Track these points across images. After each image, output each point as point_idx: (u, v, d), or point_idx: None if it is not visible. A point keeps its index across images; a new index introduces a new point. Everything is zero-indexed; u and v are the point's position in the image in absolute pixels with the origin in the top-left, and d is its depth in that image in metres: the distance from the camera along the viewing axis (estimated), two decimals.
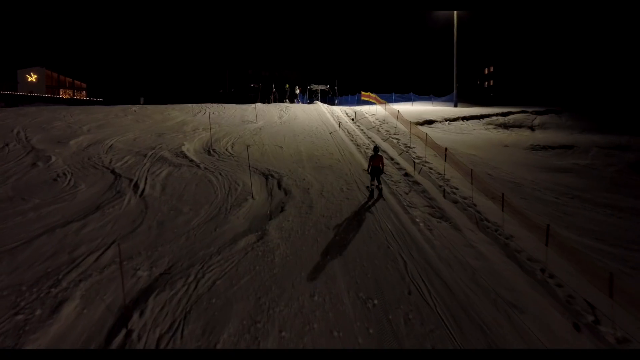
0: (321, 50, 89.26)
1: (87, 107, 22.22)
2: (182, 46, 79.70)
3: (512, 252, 6.33)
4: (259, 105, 23.22)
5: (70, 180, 9.37)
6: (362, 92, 23.27)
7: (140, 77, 62.81)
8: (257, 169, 10.43)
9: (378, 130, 16.41)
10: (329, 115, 20.21)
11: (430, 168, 11.28)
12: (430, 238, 6.63)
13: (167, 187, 9.02)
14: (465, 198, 9.06)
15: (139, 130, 15.31)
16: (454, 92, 23.28)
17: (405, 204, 8.33)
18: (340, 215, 7.56)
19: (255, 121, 17.98)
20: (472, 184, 9.53)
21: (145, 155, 11.61)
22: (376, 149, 9.01)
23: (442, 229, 7.07)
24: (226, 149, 12.60)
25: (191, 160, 11.04)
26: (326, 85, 26.59)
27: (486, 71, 58.43)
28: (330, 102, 31.04)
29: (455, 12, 22.75)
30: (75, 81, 57.35)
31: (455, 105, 23.12)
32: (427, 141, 12.92)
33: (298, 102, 25.69)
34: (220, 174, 9.97)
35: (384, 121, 18.08)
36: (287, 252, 5.89)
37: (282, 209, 7.76)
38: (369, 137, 15.20)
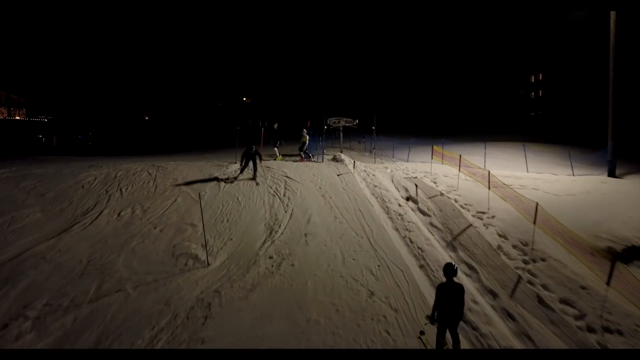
0: (347, 60, 71.25)
1: None
2: (158, 44, 70.72)
3: None
4: (236, 177, 12.65)
5: None
6: (435, 148, 13.34)
7: (99, 87, 53.82)
8: None
9: (541, 301, 6.37)
10: (386, 226, 9.79)
11: None
12: None
13: None
14: None
15: None
16: (609, 145, 13.22)
17: None
18: None
19: (204, 260, 7.77)
20: None
21: None
22: (451, 269, 4.81)
23: None
24: None
25: None
26: (354, 120, 17.22)
27: (532, 79, 48.52)
28: (356, 147, 21.41)
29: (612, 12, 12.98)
30: (12, 95, 48.36)
31: (612, 174, 13.03)
32: None
33: (306, 157, 15.72)
34: None
35: (528, 248, 7.98)
36: None
37: None
38: None
